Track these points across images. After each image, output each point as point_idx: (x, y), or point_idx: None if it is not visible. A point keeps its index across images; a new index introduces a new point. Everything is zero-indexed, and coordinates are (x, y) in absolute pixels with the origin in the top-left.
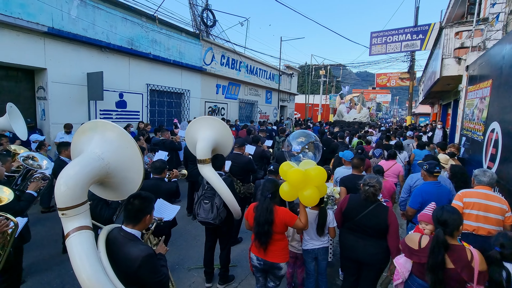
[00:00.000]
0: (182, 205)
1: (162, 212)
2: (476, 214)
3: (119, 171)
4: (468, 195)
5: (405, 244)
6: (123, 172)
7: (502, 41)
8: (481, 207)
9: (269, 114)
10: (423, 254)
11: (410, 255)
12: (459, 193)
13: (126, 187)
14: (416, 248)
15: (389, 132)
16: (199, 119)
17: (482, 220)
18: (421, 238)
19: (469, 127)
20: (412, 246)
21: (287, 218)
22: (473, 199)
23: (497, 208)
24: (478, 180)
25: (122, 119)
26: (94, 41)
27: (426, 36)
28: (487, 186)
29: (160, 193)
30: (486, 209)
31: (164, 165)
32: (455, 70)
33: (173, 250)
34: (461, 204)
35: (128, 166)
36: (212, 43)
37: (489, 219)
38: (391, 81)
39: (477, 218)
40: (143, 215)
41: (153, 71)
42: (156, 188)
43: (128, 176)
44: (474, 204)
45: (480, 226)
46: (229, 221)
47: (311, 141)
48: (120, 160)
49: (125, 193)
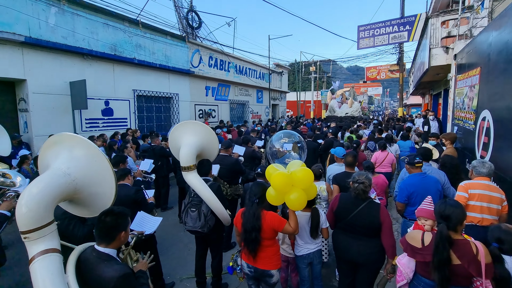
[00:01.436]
0: (174, 211)
1: (143, 225)
2: (480, 205)
3: (89, 186)
4: (472, 187)
5: (406, 243)
6: (93, 187)
7: (488, 28)
8: (485, 198)
9: (261, 113)
10: (427, 252)
11: (413, 254)
12: (463, 185)
13: (98, 203)
14: (420, 247)
15: (381, 125)
16: (183, 123)
17: (486, 211)
18: (424, 236)
19: (461, 116)
20: (415, 244)
21: (275, 223)
22: (478, 190)
23: (498, 198)
24: (478, 172)
25: (109, 127)
26: (75, 48)
27: (413, 27)
28: (487, 177)
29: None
30: (489, 200)
31: (126, 170)
32: (443, 60)
33: (164, 260)
34: (466, 195)
35: (98, 181)
36: (199, 44)
37: (492, 210)
38: (381, 74)
39: (482, 209)
40: (117, 233)
41: (139, 76)
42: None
43: (99, 192)
44: (479, 195)
45: (484, 217)
46: (219, 229)
47: (295, 142)
48: (88, 175)
49: (98, 209)
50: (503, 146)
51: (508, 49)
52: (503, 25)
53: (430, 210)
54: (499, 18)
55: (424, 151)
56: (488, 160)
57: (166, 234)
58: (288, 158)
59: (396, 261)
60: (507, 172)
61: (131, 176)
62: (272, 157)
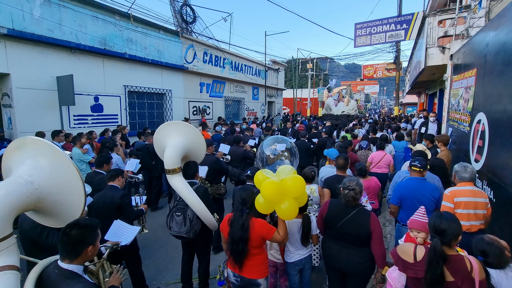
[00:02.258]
0: (163, 212)
1: (119, 235)
2: (467, 213)
3: (54, 195)
4: (458, 194)
5: (398, 257)
6: (59, 196)
7: (485, 28)
8: (471, 205)
9: (257, 110)
10: (419, 268)
11: (405, 269)
12: (448, 193)
13: (65, 213)
14: (412, 262)
15: (377, 125)
16: (168, 124)
17: (473, 218)
18: (416, 250)
19: (455, 118)
20: (407, 259)
21: (263, 231)
22: (463, 198)
23: (483, 203)
24: (460, 177)
25: (99, 123)
26: (62, 42)
27: (410, 25)
28: (470, 182)
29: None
30: (475, 207)
31: (118, 171)
32: (440, 60)
33: (151, 264)
34: (452, 205)
35: (65, 189)
36: (193, 40)
37: (479, 215)
38: (377, 72)
39: (469, 216)
40: (83, 248)
41: (131, 71)
42: (103, 199)
43: (67, 200)
44: (465, 203)
45: (472, 224)
46: (205, 233)
47: (286, 148)
48: (54, 184)
49: (66, 219)
50: (498, 151)
51: (506, 51)
52: (501, 26)
53: (423, 222)
54: (497, 18)
55: (420, 155)
56: (482, 164)
57: (154, 236)
58: (279, 165)
59: (386, 274)
60: (502, 177)
61: (122, 178)
62: (263, 163)
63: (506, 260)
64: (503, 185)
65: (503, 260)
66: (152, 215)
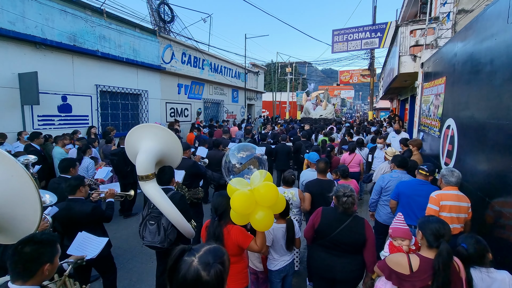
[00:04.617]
0: (137, 219)
1: (84, 249)
2: (451, 216)
3: (3, 207)
4: (444, 198)
5: (390, 269)
6: (9, 208)
7: (453, 39)
8: (455, 209)
9: (236, 113)
10: (417, 279)
11: (400, 282)
12: (434, 196)
13: (18, 227)
14: (408, 273)
15: (352, 128)
16: (140, 126)
17: (456, 221)
18: (410, 260)
19: (426, 123)
20: (402, 271)
21: (240, 239)
22: (449, 202)
23: (466, 207)
24: (447, 181)
25: (66, 124)
26: (25, 36)
27: (384, 34)
28: (455, 186)
29: (84, 222)
30: (459, 211)
31: (77, 181)
32: (411, 67)
33: (123, 275)
34: (437, 208)
35: (16, 201)
36: (171, 40)
37: (460, 219)
38: (353, 77)
39: (452, 220)
40: (38, 266)
41: (103, 70)
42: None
43: (18, 213)
44: (450, 207)
45: (455, 227)
46: (182, 242)
47: (254, 157)
48: (3, 194)
49: (19, 234)
50: (465, 155)
51: (472, 61)
52: (468, 37)
53: (406, 229)
54: (464, 30)
55: (401, 159)
56: (451, 167)
57: (127, 245)
58: (248, 174)
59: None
60: (469, 180)
61: (83, 188)
62: (228, 173)
63: (487, 256)
64: (470, 187)
65: (484, 254)
66: (125, 222)
